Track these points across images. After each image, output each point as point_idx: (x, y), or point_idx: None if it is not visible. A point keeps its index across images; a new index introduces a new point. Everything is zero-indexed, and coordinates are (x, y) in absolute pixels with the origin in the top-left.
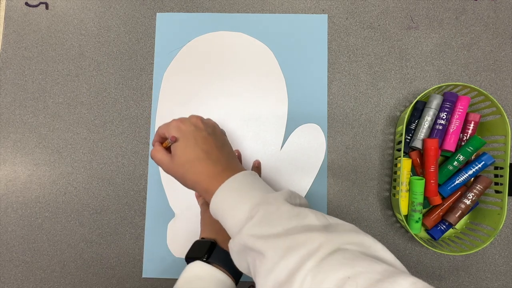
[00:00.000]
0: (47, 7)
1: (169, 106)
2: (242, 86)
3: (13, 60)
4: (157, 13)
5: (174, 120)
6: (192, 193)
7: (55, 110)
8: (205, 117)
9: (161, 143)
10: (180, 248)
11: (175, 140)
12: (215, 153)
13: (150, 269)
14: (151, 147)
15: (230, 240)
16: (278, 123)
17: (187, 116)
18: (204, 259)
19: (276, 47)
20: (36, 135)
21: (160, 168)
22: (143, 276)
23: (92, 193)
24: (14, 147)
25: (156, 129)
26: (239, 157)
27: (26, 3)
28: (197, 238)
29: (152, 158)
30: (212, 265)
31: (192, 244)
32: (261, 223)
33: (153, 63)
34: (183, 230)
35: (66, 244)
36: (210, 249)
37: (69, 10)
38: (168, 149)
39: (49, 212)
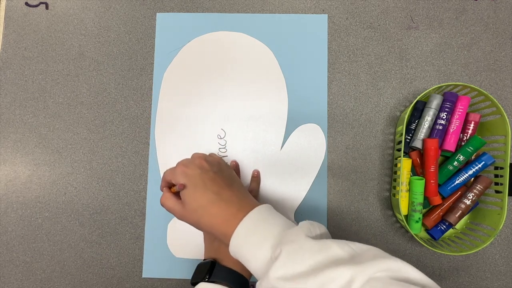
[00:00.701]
0: (47, 7)
1: (169, 106)
2: (242, 86)
3: (13, 60)
4: (157, 13)
5: (178, 165)
6: None
7: (55, 110)
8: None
9: (169, 187)
10: (180, 248)
11: (183, 187)
12: (226, 193)
13: (150, 269)
14: (151, 147)
15: (257, 284)
16: (278, 123)
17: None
18: (206, 280)
19: (276, 47)
20: (36, 135)
21: (159, 167)
22: (143, 276)
23: (92, 193)
24: (14, 147)
25: (156, 129)
26: (236, 168)
27: (26, 3)
28: (197, 238)
29: (162, 205)
30: (216, 283)
31: (195, 268)
32: (286, 263)
33: (153, 63)
34: (183, 230)
35: (66, 244)
36: (211, 268)
37: (69, 10)
38: (177, 194)
39: (49, 212)
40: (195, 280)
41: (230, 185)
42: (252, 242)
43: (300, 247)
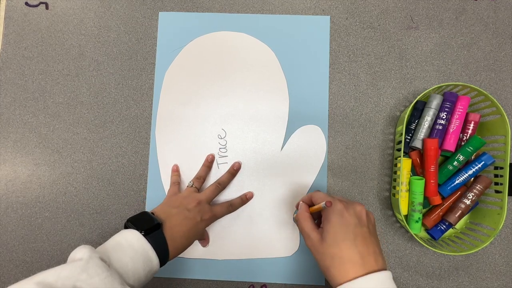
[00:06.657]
0: (47, 7)
1: (170, 106)
2: (243, 86)
3: (13, 60)
4: (160, 12)
5: (339, 199)
6: None
7: (55, 110)
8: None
9: (309, 205)
10: None
11: (330, 204)
12: (365, 250)
13: None
14: (151, 147)
15: None
16: (279, 124)
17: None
18: (143, 233)
19: (278, 48)
20: (36, 135)
21: (159, 167)
22: None
23: (92, 193)
24: (14, 147)
25: (156, 129)
26: (238, 169)
27: (26, 3)
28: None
29: (297, 222)
30: (147, 241)
31: (140, 213)
32: None
33: (154, 63)
34: None
35: (66, 244)
36: (154, 228)
37: (69, 10)
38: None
39: (49, 212)
40: (134, 225)
41: (378, 245)
42: None
43: None
